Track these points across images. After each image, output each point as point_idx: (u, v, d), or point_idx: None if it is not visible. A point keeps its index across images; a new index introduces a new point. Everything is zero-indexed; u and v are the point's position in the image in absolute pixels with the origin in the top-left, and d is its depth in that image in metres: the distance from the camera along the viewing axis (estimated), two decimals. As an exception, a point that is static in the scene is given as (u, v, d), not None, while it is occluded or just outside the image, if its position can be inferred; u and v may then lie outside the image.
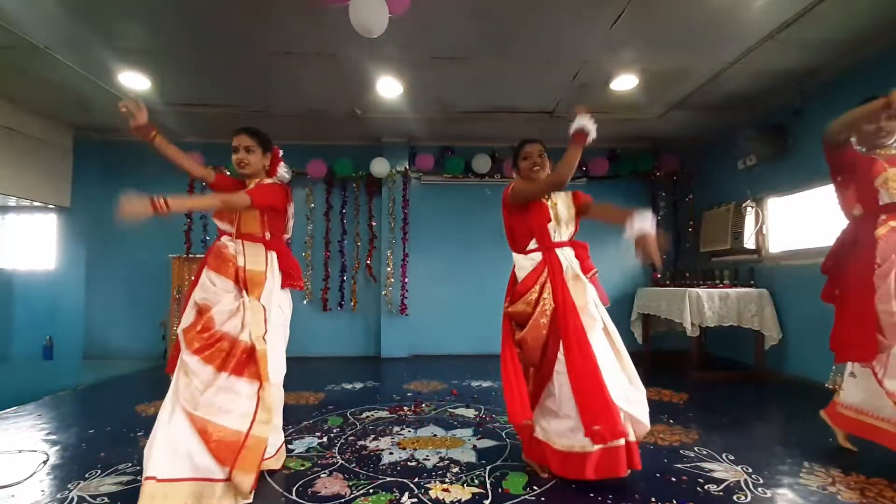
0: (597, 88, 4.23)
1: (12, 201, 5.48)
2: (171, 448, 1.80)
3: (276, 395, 2.12)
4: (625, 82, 4.09)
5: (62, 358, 5.36)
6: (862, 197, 2.29)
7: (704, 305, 4.11)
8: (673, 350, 5.20)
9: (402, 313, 5.50)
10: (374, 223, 5.63)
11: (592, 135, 2.03)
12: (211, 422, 1.84)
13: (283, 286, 2.24)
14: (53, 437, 2.71)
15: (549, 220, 2.19)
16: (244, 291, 2.06)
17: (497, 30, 3.30)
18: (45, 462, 2.31)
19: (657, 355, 5.20)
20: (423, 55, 3.66)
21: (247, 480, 1.82)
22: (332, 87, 4.22)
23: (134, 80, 4.04)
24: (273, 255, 2.21)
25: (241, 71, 3.94)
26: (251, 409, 1.91)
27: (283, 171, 2.40)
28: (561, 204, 2.27)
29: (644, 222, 2.02)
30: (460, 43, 3.49)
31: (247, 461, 1.82)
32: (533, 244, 2.23)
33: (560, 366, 2.03)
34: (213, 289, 2.04)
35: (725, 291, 4.21)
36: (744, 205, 4.62)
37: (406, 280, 5.54)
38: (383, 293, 5.53)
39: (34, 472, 2.19)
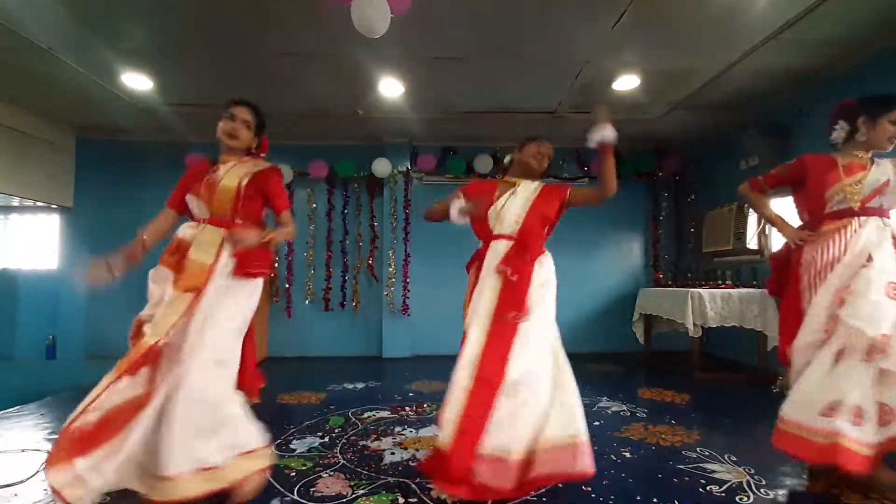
0: (598, 89, 4.22)
1: (15, 201, 5.50)
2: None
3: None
4: (627, 82, 4.09)
5: (65, 357, 5.37)
6: (809, 203, 2.22)
7: (707, 306, 4.10)
8: (674, 350, 5.19)
9: (404, 313, 5.50)
10: (375, 223, 5.64)
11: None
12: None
13: (235, 273, 1.95)
14: (56, 436, 2.70)
15: (490, 208, 2.21)
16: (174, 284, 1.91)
17: (498, 30, 3.30)
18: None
19: (659, 356, 5.19)
20: (424, 55, 3.66)
21: None
22: (334, 88, 4.22)
23: (136, 81, 4.05)
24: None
25: (243, 71, 3.95)
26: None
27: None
28: (517, 197, 2.17)
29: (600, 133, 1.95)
30: (462, 43, 3.49)
31: None
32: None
33: None
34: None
35: (728, 292, 4.20)
36: (746, 205, 4.61)
37: (408, 280, 5.54)
38: (385, 293, 5.53)
39: (37, 472, 2.20)
